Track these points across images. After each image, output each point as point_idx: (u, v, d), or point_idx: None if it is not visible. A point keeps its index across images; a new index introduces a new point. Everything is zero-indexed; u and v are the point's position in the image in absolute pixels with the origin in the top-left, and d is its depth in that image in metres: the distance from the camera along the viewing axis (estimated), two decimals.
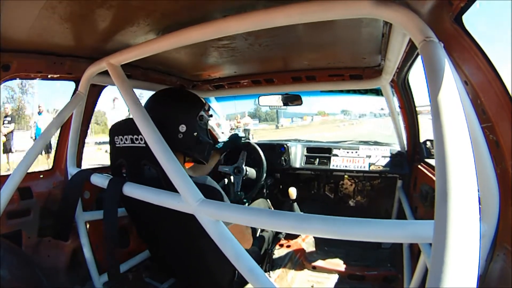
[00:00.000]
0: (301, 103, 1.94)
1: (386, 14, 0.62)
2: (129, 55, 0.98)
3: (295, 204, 1.87)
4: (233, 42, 1.11)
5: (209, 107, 1.15)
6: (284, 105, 1.94)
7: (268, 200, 1.88)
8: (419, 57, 0.59)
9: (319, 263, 1.77)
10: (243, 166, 1.85)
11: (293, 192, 1.83)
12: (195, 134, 1.03)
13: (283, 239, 1.81)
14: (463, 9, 0.58)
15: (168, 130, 0.94)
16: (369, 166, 1.93)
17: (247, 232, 1.20)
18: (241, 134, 2.56)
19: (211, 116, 1.14)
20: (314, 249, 1.95)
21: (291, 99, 1.91)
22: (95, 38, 0.99)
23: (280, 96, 1.90)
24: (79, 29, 0.91)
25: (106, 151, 7.85)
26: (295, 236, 1.90)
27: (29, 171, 1.08)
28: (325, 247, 1.95)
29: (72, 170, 1.22)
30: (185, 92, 1.11)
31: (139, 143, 0.94)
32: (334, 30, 0.99)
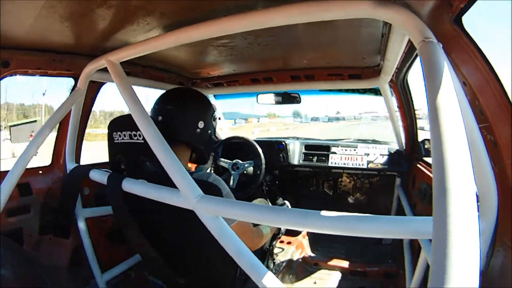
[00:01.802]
0: (299, 102, 1.95)
1: (385, 14, 0.62)
2: (128, 53, 0.98)
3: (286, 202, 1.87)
4: (233, 41, 1.11)
5: None
6: (282, 103, 1.95)
7: (267, 199, 1.88)
8: (418, 58, 0.59)
9: (321, 259, 1.79)
10: (242, 163, 1.85)
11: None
12: (209, 132, 1.07)
13: (283, 235, 1.81)
14: (463, 10, 0.58)
15: (187, 123, 1.00)
16: (368, 164, 1.94)
17: (255, 232, 1.10)
18: None
19: (219, 118, 1.16)
20: (315, 245, 1.97)
21: (290, 98, 1.91)
22: (94, 36, 0.99)
23: (279, 94, 1.90)
24: (79, 28, 0.91)
25: None
26: (296, 233, 1.91)
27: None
28: (326, 244, 1.97)
29: (71, 166, 1.22)
30: (200, 93, 1.15)
31: (138, 139, 0.94)
32: (334, 30, 0.99)
